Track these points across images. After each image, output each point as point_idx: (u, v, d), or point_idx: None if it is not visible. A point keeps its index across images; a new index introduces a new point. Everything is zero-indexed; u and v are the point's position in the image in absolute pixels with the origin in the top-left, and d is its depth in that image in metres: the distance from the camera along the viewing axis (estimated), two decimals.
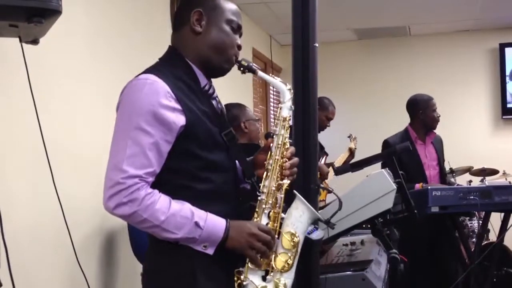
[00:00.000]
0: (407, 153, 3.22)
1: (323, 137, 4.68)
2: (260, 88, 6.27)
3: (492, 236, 5.00)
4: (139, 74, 1.59)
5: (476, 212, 4.61)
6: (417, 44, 6.77)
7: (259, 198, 1.64)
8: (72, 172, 2.79)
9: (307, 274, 1.97)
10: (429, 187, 3.50)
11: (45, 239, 2.60)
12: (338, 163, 4.50)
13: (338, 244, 3.06)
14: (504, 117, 6.49)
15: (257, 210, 1.63)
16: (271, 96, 6.55)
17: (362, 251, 2.82)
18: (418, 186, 3.76)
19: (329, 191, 2.28)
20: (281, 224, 1.63)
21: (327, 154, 4.47)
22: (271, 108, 6.52)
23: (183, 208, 1.52)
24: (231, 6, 1.72)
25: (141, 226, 1.51)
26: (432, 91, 4.39)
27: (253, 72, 1.71)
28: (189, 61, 1.66)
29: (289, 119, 1.72)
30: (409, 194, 2.50)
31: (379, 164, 3.48)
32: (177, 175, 1.57)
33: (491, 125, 6.57)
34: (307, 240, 1.69)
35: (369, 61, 6.86)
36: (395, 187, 2.33)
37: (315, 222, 1.71)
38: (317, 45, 2.12)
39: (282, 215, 1.64)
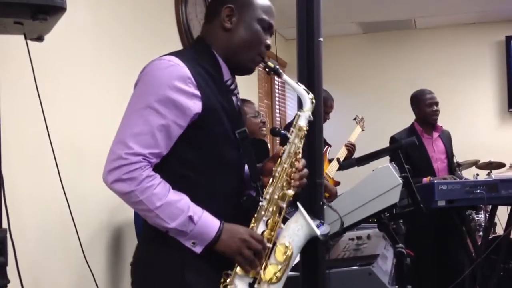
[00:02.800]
0: (414, 147, 3.22)
1: (327, 130, 4.65)
2: (265, 83, 6.26)
3: (499, 230, 4.98)
4: (163, 55, 1.57)
5: (482, 206, 4.60)
6: (422, 37, 6.74)
7: (260, 203, 1.60)
8: (79, 169, 2.80)
9: (313, 269, 1.97)
10: (435, 181, 3.49)
11: (52, 235, 2.60)
12: (339, 155, 4.48)
13: (344, 239, 3.06)
14: (510, 110, 6.46)
15: (255, 215, 1.59)
16: (276, 91, 6.54)
17: (368, 246, 2.81)
18: (425, 180, 3.76)
19: (333, 210, 2.27)
20: (278, 234, 1.58)
21: (330, 145, 4.46)
22: (276, 102, 6.52)
23: (180, 200, 1.49)
24: (264, 3, 1.69)
25: (136, 207, 1.49)
26: (437, 84, 4.39)
27: (278, 75, 1.68)
28: (215, 54, 1.65)
29: (306, 129, 1.66)
30: (415, 188, 2.49)
31: (385, 159, 3.47)
32: (181, 163, 1.54)
33: (497, 118, 6.55)
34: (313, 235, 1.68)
35: (374, 54, 6.84)
36: (401, 181, 2.32)
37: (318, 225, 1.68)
38: (321, 39, 2.12)
39: (281, 225, 1.60)
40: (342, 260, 2.54)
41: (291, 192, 1.61)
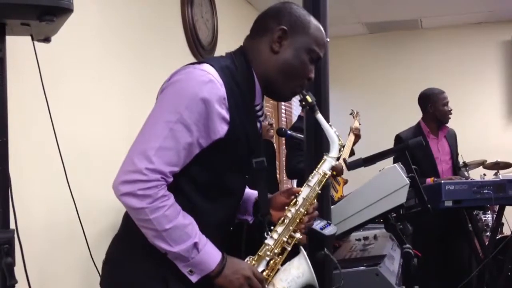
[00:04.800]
0: (419, 148, 3.21)
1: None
2: None
3: (506, 230, 4.97)
4: (203, 63, 1.48)
5: (490, 206, 4.58)
6: (429, 37, 6.72)
7: (265, 241, 1.55)
8: (86, 169, 2.81)
9: (320, 270, 1.97)
10: (442, 181, 3.48)
11: (59, 235, 2.61)
12: (347, 147, 4.47)
13: (351, 239, 3.06)
14: None
15: (259, 253, 1.54)
16: None
17: (375, 246, 2.81)
18: (429, 180, 3.74)
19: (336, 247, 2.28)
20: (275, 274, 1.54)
21: None
22: (282, 102, 6.51)
23: (189, 224, 1.43)
24: (319, 35, 1.58)
25: (141, 224, 1.41)
26: (444, 84, 4.36)
27: (313, 112, 1.60)
28: (254, 74, 1.55)
29: (329, 176, 1.61)
30: (422, 189, 2.49)
31: (391, 159, 3.46)
32: (186, 182, 1.47)
33: (504, 118, 6.52)
34: (320, 235, 1.68)
35: (381, 54, 6.83)
36: (408, 181, 2.32)
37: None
38: (328, 40, 2.12)
39: (279, 267, 1.55)
40: (349, 261, 2.54)
41: (298, 235, 1.57)
